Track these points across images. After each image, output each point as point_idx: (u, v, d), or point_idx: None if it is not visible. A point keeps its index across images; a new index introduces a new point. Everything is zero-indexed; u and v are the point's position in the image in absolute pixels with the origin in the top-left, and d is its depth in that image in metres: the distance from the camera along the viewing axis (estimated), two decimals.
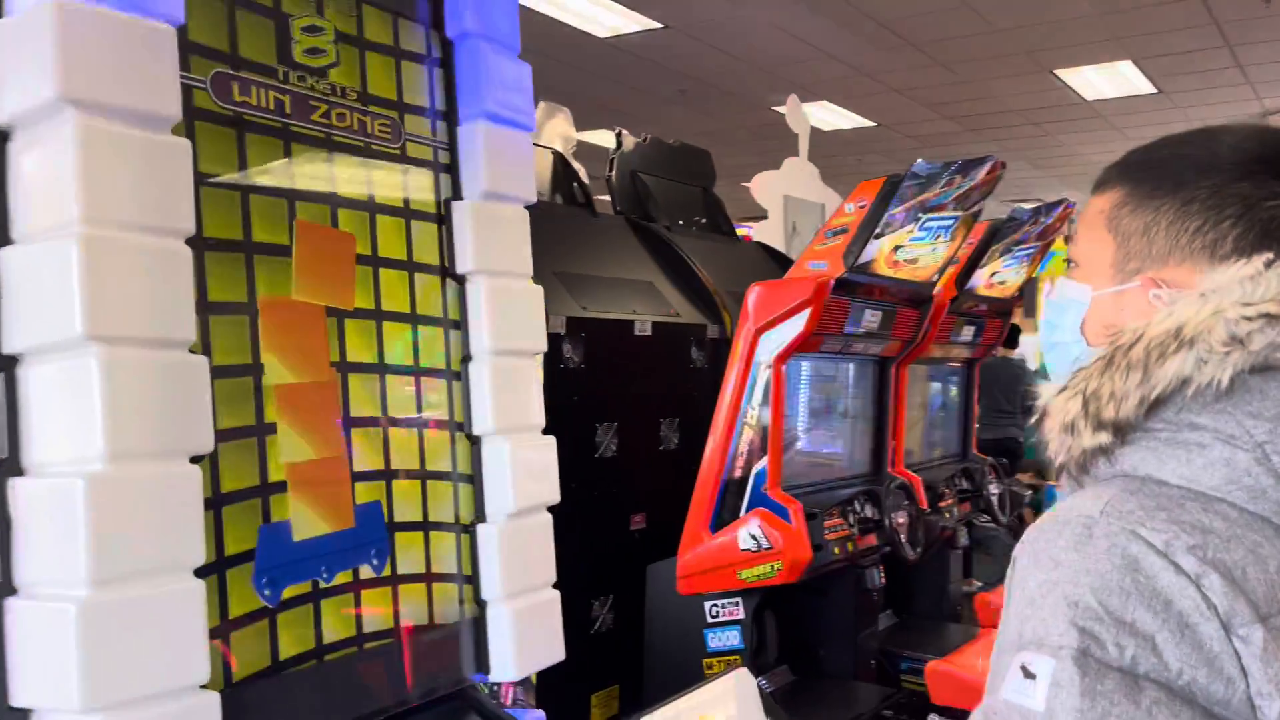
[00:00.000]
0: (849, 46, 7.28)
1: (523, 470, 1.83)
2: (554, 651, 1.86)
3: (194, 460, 1.39)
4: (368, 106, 1.81)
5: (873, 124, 9.59)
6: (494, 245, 1.94)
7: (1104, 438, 0.80)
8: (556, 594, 1.89)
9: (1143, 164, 0.88)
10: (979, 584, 5.69)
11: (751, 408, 2.65)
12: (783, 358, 2.60)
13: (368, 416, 1.77)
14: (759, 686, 1.61)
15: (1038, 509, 5.66)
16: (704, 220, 4.13)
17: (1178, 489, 0.77)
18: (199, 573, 1.39)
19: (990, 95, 8.68)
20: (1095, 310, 0.90)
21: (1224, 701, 0.68)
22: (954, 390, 4.00)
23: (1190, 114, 9.27)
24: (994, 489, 3.56)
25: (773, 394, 2.62)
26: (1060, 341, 0.93)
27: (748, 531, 2.62)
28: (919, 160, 2.61)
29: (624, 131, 3.78)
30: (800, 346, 2.63)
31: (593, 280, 3.05)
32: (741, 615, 2.77)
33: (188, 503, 1.36)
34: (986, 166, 2.79)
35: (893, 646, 3.42)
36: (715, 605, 2.81)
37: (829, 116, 9.02)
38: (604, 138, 6.07)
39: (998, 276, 3.50)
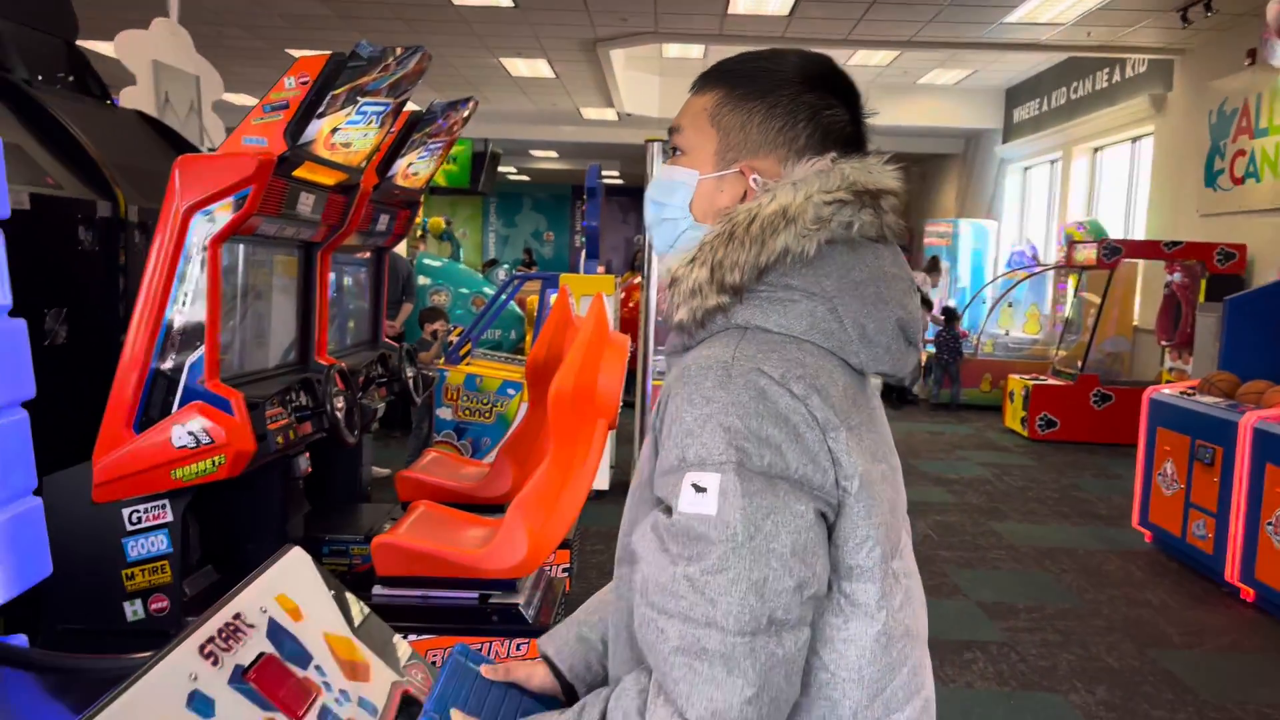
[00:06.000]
0: None
1: None
2: (41, 567, 1.59)
3: None
4: None
5: None
6: None
7: (724, 299, 1.00)
8: (38, 502, 1.61)
9: (736, 72, 1.08)
10: (386, 471, 5.91)
11: (184, 294, 2.42)
12: (219, 240, 2.41)
13: None
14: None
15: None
16: (70, 78, 3.56)
17: (778, 335, 0.99)
18: None
19: None
20: (701, 192, 1.08)
21: (821, 486, 0.94)
22: (364, 279, 4.05)
23: (539, 31, 10.20)
24: (409, 373, 3.71)
25: (208, 279, 2.42)
26: (669, 219, 1.10)
27: (184, 428, 2.42)
28: (361, 41, 2.57)
29: None
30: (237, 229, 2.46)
31: None
32: (170, 518, 2.57)
33: None
34: (418, 56, 2.84)
35: (314, 533, 3.44)
36: (137, 511, 2.57)
37: None
38: None
39: (413, 168, 3.60)
